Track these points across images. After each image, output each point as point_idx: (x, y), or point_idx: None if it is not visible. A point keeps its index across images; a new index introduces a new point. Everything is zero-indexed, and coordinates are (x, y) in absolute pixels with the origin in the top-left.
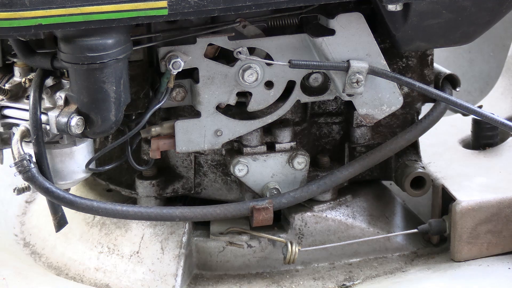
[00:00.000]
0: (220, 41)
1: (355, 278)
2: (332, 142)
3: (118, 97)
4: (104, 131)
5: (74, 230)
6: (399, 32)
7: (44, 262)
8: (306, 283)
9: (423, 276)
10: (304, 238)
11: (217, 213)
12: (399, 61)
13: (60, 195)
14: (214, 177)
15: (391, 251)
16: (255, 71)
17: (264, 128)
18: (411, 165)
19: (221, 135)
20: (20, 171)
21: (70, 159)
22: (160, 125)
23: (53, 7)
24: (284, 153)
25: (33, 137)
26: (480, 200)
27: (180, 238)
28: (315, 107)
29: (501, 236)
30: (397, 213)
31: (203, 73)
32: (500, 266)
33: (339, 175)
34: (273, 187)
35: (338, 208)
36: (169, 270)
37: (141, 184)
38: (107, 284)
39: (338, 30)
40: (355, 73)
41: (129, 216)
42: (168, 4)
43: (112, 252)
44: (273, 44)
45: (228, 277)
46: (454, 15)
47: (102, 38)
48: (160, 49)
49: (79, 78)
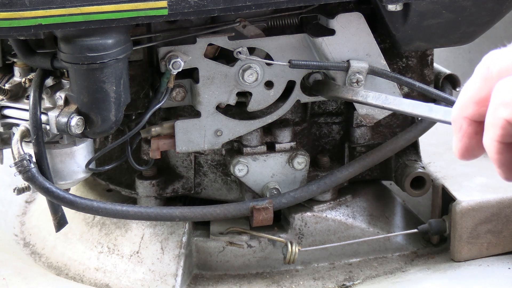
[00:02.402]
0: (220, 41)
1: (355, 278)
2: (332, 142)
3: (118, 97)
4: (104, 131)
5: (74, 230)
6: (399, 32)
7: (44, 262)
8: (306, 283)
9: (423, 276)
10: (304, 238)
11: (217, 213)
12: (399, 61)
13: (60, 195)
14: (214, 177)
15: (391, 251)
16: (255, 71)
17: (264, 128)
18: (411, 165)
19: (221, 135)
20: (20, 171)
21: (70, 159)
22: (160, 125)
23: (53, 7)
24: (284, 153)
25: (33, 137)
26: (480, 200)
27: (180, 238)
28: (315, 107)
29: (501, 236)
30: (397, 213)
31: (203, 73)
32: (500, 266)
33: (339, 175)
34: (273, 187)
35: (338, 208)
36: (169, 270)
37: (141, 184)
38: (107, 284)
39: (338, 30)
40: (355, 73)
41: (129, 216)
42: (168, 4)
43: (112, 252)
44: (273, 44)
45: (228, 277)
46: (454, 15)
47: (102, 38)
48: (160, 49)
49: (79, 78)
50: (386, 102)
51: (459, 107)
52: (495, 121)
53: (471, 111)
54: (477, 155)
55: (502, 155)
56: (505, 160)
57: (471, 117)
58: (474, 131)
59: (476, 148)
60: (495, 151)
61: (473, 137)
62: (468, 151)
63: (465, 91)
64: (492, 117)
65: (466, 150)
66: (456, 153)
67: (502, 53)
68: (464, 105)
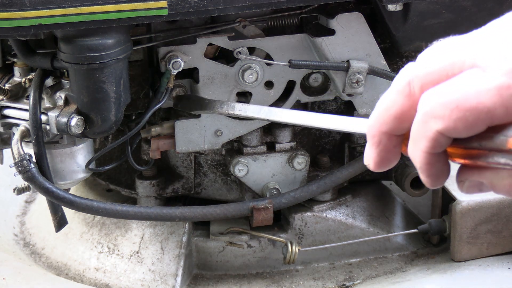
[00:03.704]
0: (220, 41)
1: (355, 278)
2: (332, 142)
3: (118, 97)
4: (104, 131)
5: (74, 230)
6: (399, 32)
7: (44, 262)
8: (306, 283)
9: (423, 276)
10: (304, 238)
11: (217, 213)
12: (399, 61)
13: (60, 195)
14: (214, 177)
15: (391, 251)
16: (255, 71)
17: (264, 128)
18: (411, 165)
19: (221, 135)
20: (20, 171)
21: (70, 159)
22: (160, 125)
23: (53, 7)
24: (284, 153)
25: (33, 137)
26: (480, 200)
27: (180, 238)
28: (315, 107)
29: (501, 236)
30: (397, 213)
31: (203, 73)
32: (500, 266)
33: (339, 175)
34: (273, 187)
35: (338, 208)
36: (169, 270)
37: (141, 184)
38: (107, 284)
39: (338, 30)
40: (355, 73)
41: (129, 216)
42: (168, 4)
43: (112, 252)
44: (273, 44)
45: (228, 277)
46: (454, 15)
47: (102, 38)
48: (160, 49)
49: (79, 78)
50: (270, 115)
51: (378, 121)
52: (426, 134)
53: (392, 126)
54: (392, 165)
55: (431, 165)
56: (434, 170)
57: (391, 132)
58: (393, 144)
59: (393, 159)
60: (425, 162)
61: (391, 150)
62: (385, 163)
63: (383, 105)
64: (422, 129)
65: (383, 162)
66: (371, 165)
67: (420, 65)
68: (384, 120)
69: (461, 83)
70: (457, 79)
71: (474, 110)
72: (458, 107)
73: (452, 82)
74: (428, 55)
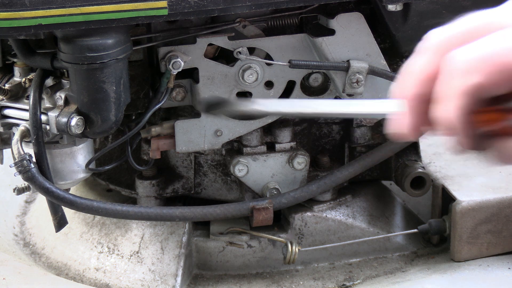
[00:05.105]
0: (220, 41)
1: (355, 278)
2: (332, 142)
3: (118, 97)
4: (104, 131)
5: (74, 230)
6: (399, 32)
7: (44, 262)
8: (306, 283)
9: (423, 276)
10: (304, 238)
11: (217, 213)
12: (399, 61)
13: (60, 195)
14: (214, 177)
15: (391, 251)
16: (255, 71)
17: (264, 128)
18: (411, 165)
19: (221, 135)
20: (20, 171)
21: (70, 159)
22: (160, 125)
23: (53, 7)
24: (284, 153)
25: (33, 137)
26: (480, 200)
27: (180, 238)
28: None
29: (501, 236)
30: (397, 213)
31: (203, 73)
32: (500, 266)
33: (339, 175)
34: (273, 187)
35: (338, 208)
36: (169, 270)
37: (141, 184)
38: (107, 284)
39: (338, 30)
40: (355, 73)
41: (129, 216)
42: (168, 4)
43: (112, 252)
44: (273, 44)
45: (228, 277)
46: (454, 15)
47: (102, 38)
48: (160, 49)
49: (79, 78)
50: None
51: (412, 85)
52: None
53: (426, 88)
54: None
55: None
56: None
57: (425, 94)
58: (427, 108)
59: (427, 125)
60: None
61: (426, 114)
62: (417, 129)
63: (416, 69)
64: (454, 86)
65: (419, 128)
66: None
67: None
68: (419, 82)
69: (495, 40)
70: (490, 37)
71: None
72: (494, 61)
73: (485, 39)
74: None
